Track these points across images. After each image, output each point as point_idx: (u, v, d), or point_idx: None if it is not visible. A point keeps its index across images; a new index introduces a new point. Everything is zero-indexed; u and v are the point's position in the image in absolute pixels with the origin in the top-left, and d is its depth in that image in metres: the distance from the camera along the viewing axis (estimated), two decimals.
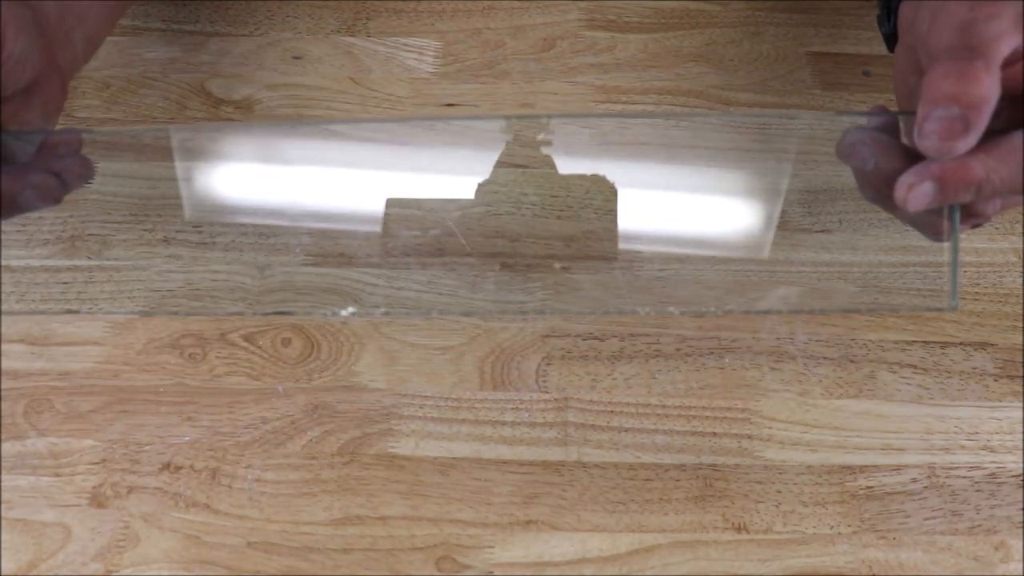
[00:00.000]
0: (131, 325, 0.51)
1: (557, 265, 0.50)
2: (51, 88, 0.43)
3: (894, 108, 0.40)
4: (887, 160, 0.36)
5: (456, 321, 0.52)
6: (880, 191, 0.38)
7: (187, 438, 0.48)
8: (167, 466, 0.47)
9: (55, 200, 0.42)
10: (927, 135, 0.32)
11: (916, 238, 0.56)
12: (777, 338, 0.52)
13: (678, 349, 0.51)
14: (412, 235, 0.53)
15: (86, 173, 0.43)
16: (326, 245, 0.53)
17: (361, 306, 0.50)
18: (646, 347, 0.51)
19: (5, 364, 0.49)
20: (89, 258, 0.53)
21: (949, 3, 0.34)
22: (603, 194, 0.52)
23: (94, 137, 0.44)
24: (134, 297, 0.51)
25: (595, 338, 0.51)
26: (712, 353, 0.51)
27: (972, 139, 0.32)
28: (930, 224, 0.38)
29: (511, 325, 0.52)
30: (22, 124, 0.42)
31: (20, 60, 0.40)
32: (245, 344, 0.51)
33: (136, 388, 0.49)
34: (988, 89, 0.31)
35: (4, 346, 0.50)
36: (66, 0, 0.45)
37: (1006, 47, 0.33)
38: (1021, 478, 0.48)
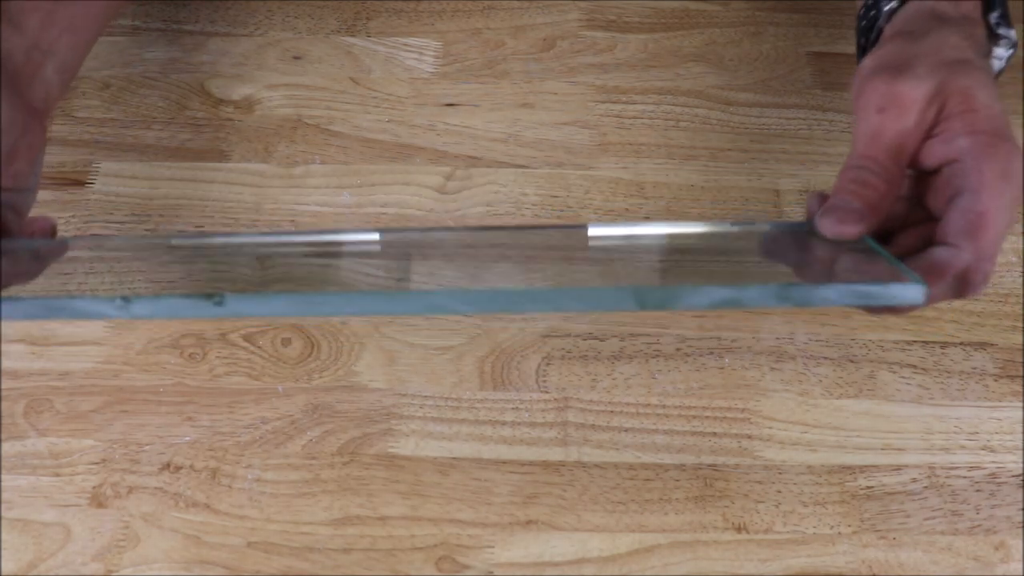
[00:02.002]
0: (131, 325, 0.51)
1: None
2: (32, 133, 0.42)
3: None
4: (803, 254, 0.40)
5: (456, 321, 0.52)
6: (809, 276, 0.41)
7: (187, 438, 0.48)
8: (167, 466, 0.47)
9: (31, 277, 0.42)
10: (826, 217, 0.37)
11: None
12: (777, 338, 0.52)
13: (678, 349, 0.51)
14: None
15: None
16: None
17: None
18: (646, 347, 0.51)
19: (5, 364, 0.49)
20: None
21: (869, 86, 0.38)
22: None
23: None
24: (134, 288, 0.51)
25: (595, 338, 0.51)
26: (712, 353, 0.51)
27: (865, 229, 0.37)
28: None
29: (511, 325, 0.52)
30: (11, 176, 0.41)
31: (4, 129, 0.40)
32: (245, 344, 0.51)
33: (136, 388, 0.49)
34: (884, 195, 0.37)
35: (4, 346, 0.50)
36: (31, 35, 0.43)
37: (911, 147, 0.37)
38: (1021, 478, 0.48)
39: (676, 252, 0.53)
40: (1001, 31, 0.41)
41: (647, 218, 0.56)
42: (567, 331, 0.52)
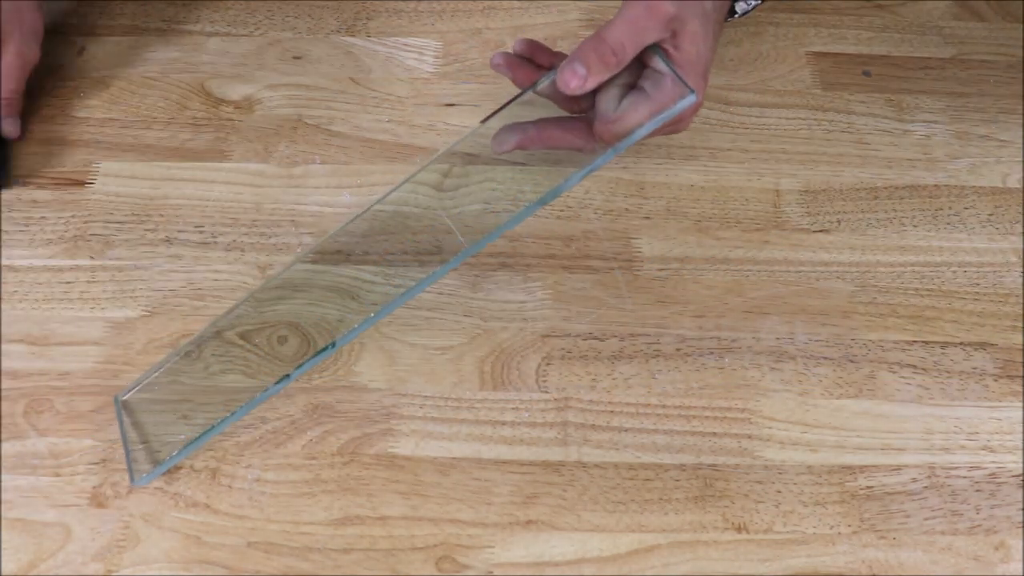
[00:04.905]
0: (131, 325, 0.51)
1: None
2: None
3: None
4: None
5: (456, 321, 0.52)
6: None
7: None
8: None
9: None
10: (561, 74, 0.46)
11: (914, 238, 0.56)
12: (777, 338, 0.52)
13: (678, 349, 0.51)
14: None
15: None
16: (325, 243, 0.53)
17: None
18: (646, 347, 0.51)
19: (5, 364, 0.49)
20: (92, 258, 0.53)
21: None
22: None
23: None
24: (136, 296, 0.51)
25: (595, 338, 0.51)
26: (712, 353, 0.51)
27: (588, 87, 0.47)
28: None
29: (511, 325, 0.52)
30: None
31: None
32: (241, 343, 0.51)
33: None
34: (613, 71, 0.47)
35: (4, 346, 0.50)
36: None
37: (648, 42, 0.47)
38: (1021, 478, 0.48)
39: (675, 260, 0.53)
40: None
41: (647, 218, 0.56)
42: (567, 331, 0.52)
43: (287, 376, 0.46)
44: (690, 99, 0.46)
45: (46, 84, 0.59)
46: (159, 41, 0.62)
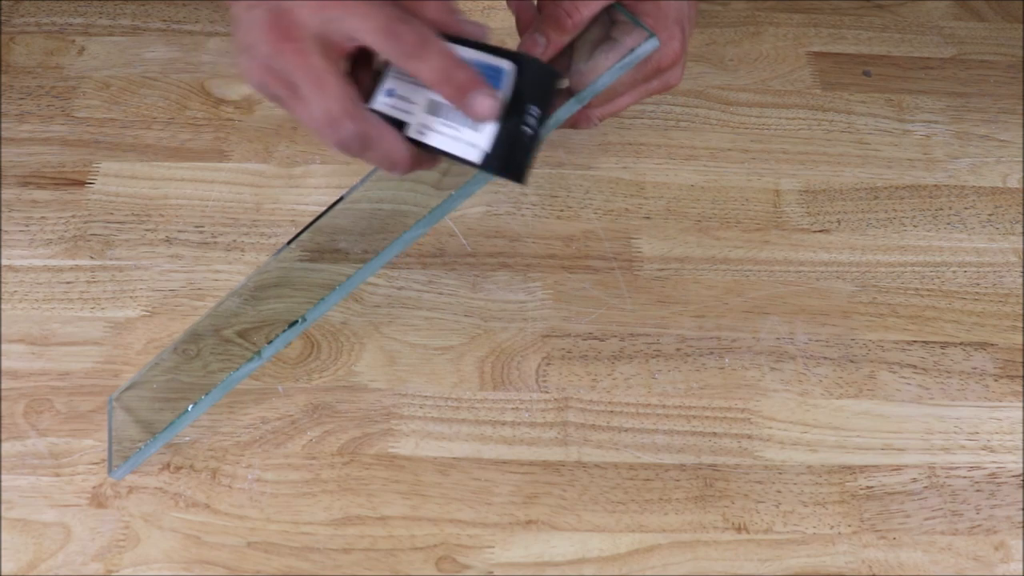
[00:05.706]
0: (131, 325, 0.51)
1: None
2: None
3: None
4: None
5: (456, 321, 0.52)
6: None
7: (187, 438, 0.48)
8: (167, 466, 0.47)
9: None
10: (523, 46, 0.47)
11: (914, 238, 0.56)
12: (777, 338, 0.52)
13: (678, 349, 0.51)
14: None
15: None
16: (322, 241, 0.53)
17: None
18: (646, 347, 0.51)
19: (5, 364, 0.49)
20: (92, 258, 0.53)
21: None
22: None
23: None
24: (136, 296, 0.51)
25: (595, 338, 0.51)
26: (712, 353, 0.51)
27: (550, 54, 0.46)
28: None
29: (511, 325, 0.52)
30: None
31: None
32: (240, 340, 0.51)
33: None
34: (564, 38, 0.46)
35: (4, 346, 0.50)
36: None
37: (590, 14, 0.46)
38: (1021, 478, 0.48)
39: (675, 260, 0.53)
40: None
41: (647, 218, 0.56)
42: (567, 331, 0.52)
43: (258, 354, 0.45)
44: (652, 43, 0.45)
45: (46, 84, 0.59)
46: (159, 41, 0.62)
